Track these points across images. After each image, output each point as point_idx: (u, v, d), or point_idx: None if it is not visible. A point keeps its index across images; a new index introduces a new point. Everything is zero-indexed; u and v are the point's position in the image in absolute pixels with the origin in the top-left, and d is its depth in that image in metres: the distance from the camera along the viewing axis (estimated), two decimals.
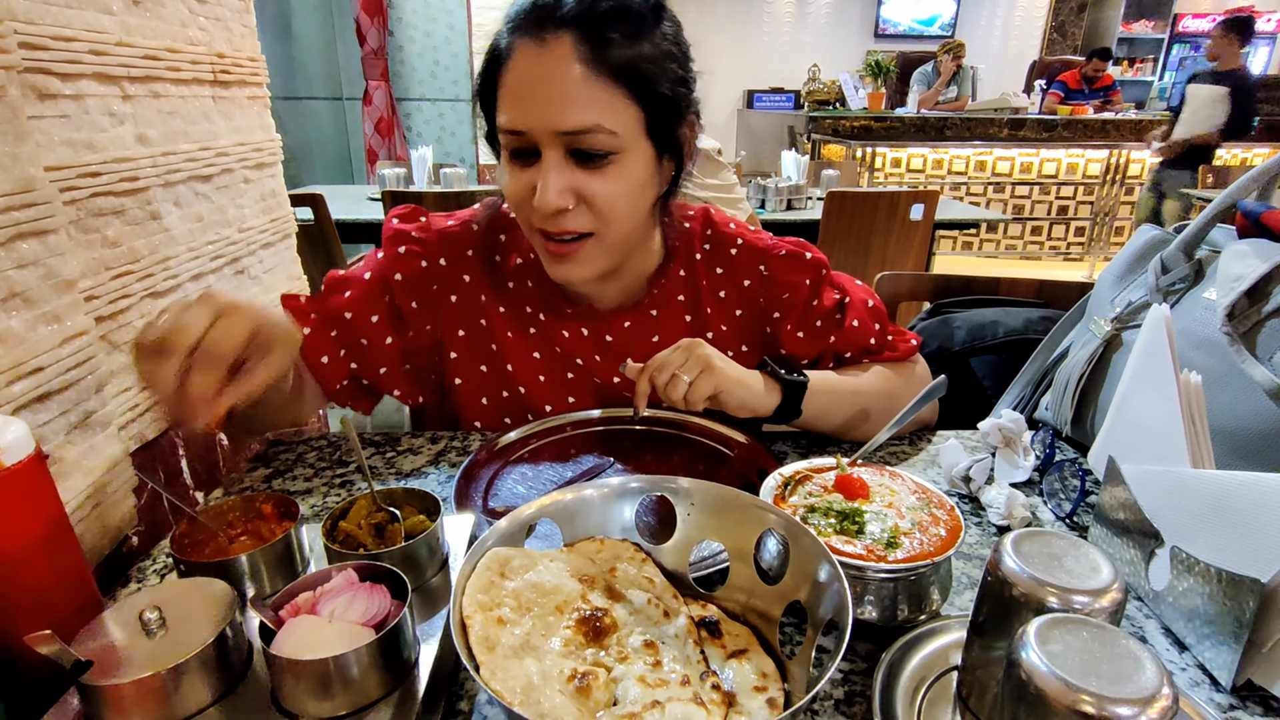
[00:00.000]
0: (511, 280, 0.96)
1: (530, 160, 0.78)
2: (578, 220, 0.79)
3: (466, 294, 0.94)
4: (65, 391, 0.67)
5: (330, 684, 0.45)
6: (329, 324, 0.90)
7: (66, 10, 0.70)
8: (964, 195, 6.05)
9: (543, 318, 0.95)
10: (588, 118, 0.74)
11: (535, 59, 0.74)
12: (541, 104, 0.74)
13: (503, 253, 0.97)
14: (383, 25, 4.69)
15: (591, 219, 0.79)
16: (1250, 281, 0.74)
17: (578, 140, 0.75)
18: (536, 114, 0.75)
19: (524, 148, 0.77)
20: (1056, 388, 0.96)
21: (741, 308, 0.97)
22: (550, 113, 0.74)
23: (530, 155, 0.77)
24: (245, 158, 1.02)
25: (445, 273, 0.94)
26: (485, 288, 0.95)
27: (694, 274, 0.97)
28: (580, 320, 0.95)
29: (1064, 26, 8.80)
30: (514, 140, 0.77)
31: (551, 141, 0.75)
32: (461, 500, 0.77)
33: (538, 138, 0.76)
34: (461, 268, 0.95)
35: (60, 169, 0.68)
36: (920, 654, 0.57)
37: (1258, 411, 0.70)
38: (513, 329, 0.95)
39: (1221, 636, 0.56)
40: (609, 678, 0.48)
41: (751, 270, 0.96)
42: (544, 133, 0.75)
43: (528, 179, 0.78)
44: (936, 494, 0.67)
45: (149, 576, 0.70)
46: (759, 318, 0.97)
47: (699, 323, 0.97)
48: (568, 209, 0.78)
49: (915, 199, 2.78)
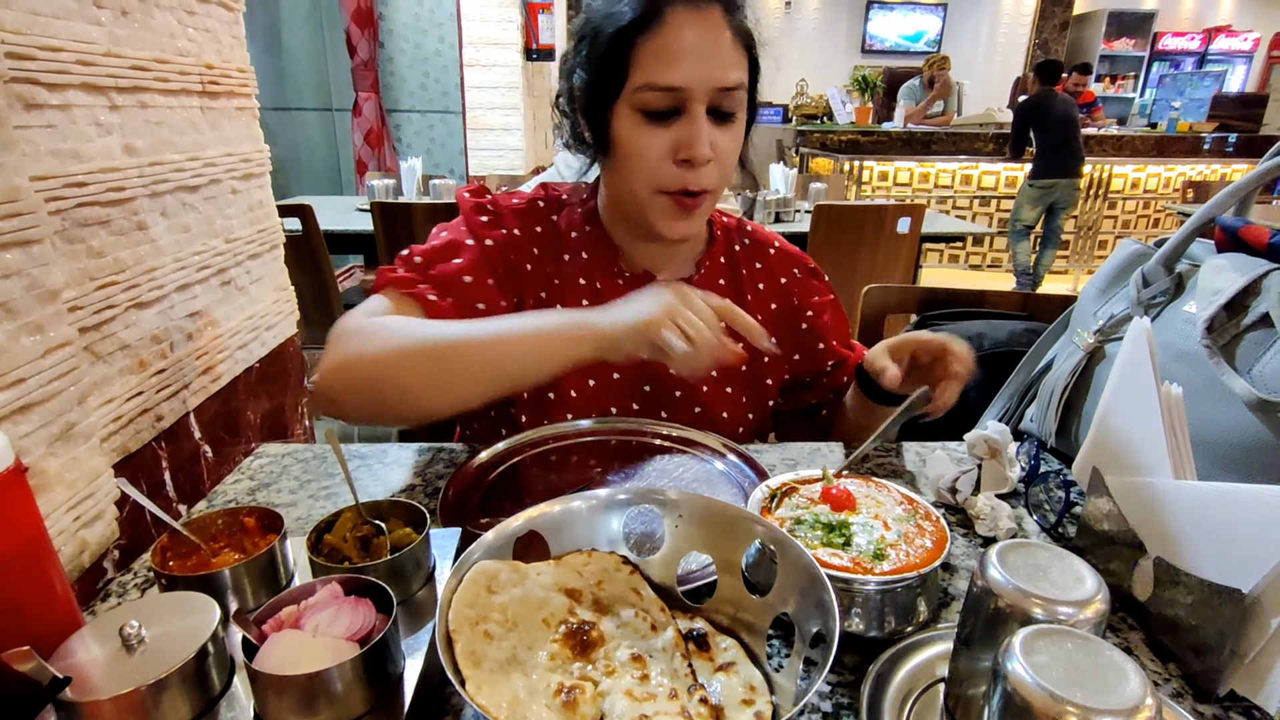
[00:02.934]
0: (568, 253, 0.98)
1: (668, 120, 0.83)
2: (709, 175, 0.85)
3: (537, 264, 0.96)
4: (47, 403, 0.66)
5: (314, 700, 0.45)
6: (445, 290, 0.88)
7: (54, 21, 0.69)
8: (950, 209, 6.12)
9: (599, 285, 0.97)
10: (739, 76, 0.83)
11: (697, 23, 0.81)
12: (704, 62, 0.81)
13: (560, 230, 0.99)
14: (373, 37, 4.70)
15: (717, 174, 0.86)
16: (1229, 295, 0.75)
17: (726, 97, 0.83)
18: (699, 71, 0.80)
19: (668, 107, 0.82)
20: (1041, 399, 0.97)
21: (777, 302, 1.04)
22: (714, 71, 0.81)
23: (669, 115, 0.82)
24: (233, 168, 1.01)
25: (520, 242, 0.95)
26: (550, 260, 0.97)
27: (734, 263, 1.04)
28: (631, 289, 0.98)
29: (1047, 44, 8.96)
30: (662, 98, 0.82)
31: (704, 98, 0.82)
32: (448, 513, 0.76)
33: (693, 94, 0.81)
34: (531, 240, 0.96)
35: (46, 179, 0.68)
36: (907, 666, 0.57)
37: (1238, 423, 0.71)
38: (566, 302, 0.97)
39: (1204, 647, 0.57)
40: (596, 692, 0.48)
41: (788, 271, 1.05)
42: (702, 89, 0.81)
43: (670, 136, 0.83)
44: (923, 505, 0.68)
45: (130, 591, 0.69)
46: (792, 314, 1.05)
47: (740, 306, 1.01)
48: (709, 162, 0.84)
49: (902, 212, 2.81)
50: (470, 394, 0.79)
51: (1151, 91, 8.71)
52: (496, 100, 4.90)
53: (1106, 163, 6.04)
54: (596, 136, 0.89)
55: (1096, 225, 6.19)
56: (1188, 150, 6.33)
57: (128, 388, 0.79)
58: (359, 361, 0.78)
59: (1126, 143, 6.38)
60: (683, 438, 0.92)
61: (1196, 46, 9.46)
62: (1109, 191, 6.13)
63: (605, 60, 0.83)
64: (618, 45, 0.82)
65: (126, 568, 0.73)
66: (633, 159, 0.85)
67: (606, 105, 0.85)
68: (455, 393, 0.78)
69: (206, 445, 0.95)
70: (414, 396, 0.77)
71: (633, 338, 0.72)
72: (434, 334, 0.78)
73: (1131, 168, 6.13)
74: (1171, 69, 9.22)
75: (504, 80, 4.86)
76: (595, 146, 0.90)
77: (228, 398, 1.01)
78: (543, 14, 4.83)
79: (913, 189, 6.07)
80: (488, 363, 0.76)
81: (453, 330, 0.78)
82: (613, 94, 0.84)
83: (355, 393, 0.78)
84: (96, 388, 0.75)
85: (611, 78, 0.83)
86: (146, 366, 0.83)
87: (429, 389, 0.77)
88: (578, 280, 0.97)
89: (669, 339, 0.69)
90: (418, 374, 0.76)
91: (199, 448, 0.93)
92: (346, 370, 0.78)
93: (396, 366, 0.76)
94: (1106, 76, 9.26)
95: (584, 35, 0.86)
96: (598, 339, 0.74)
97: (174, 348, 0.88)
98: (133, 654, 0.46)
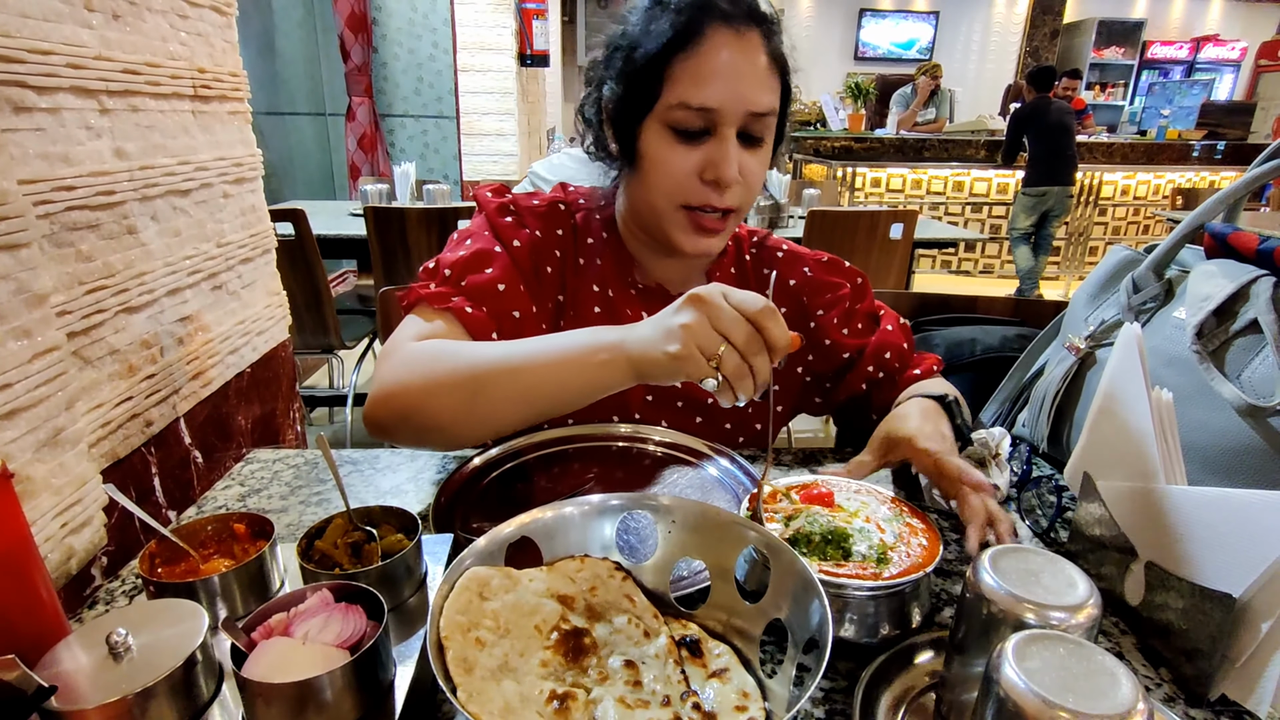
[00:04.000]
0: (583, 258, 0.97)
1: (698, 139, 0.83)
2: (734, 196, 0.85)
3: (557, 267, 0.96)
4: (34, 408, 0.65)
5: (303, 708, 0.44)
6: (480, 300, 0.87)
7: (44, 24, 0.69)
8: (942, 215, 6.15)
9: (611, 294, 0.97)
10: (771, 101, 0.83)
11: (735, 46, 0.80)
12: (741, 86, 0.81)
13: (577, 234, 0.98)
14: (367, 42, 4.70)
15: (743, 194, 0.86)
16: (1218, 301, 0.76)
17: (757, 121, 0.83)
18: (735, 94, 0.80)
19: (699, 127, 0.82)
20: (1033, 405, 0.97)
21: (786, 304, 1.04)
22: (749, 95, 0.81)
23: (700, 135, 0.82)
24: (225, 172, 1.01)
25: (543, 244, 0.95)
26: (567, 265, 0.97)
27: (744, 271, 1.04)
28: (644, 300, 0.98)
29: (1038, 51, 9.04)
30: (694, 118, 0.81)
31: (735, 121, 0.81)
32: (440, 518, 0.76)
33: (724, 117, 0.81)
34: (553, 242, 0.96)
35: (34, 182, 0.67)
36: (900, 671, 0.57)
37: (1227, 428, 0.72)
38: (580, 306, 0.96)
39: (1196, 651, 0.57)
40: (588, 699, 0.48)
41: (796, 271, 1.04)
42: (735, 113, 0.81)
43: (699, 156, 0.83)
44: (910, 508, 0.68)
45: (117, 598, 0.69)
46: (802, 314, 1.03)
47: None
48: (737, 183, 0.84)
49: (895, 218, 2.82)
50: (509, 422, 0.78)
51: (1141, 99, 8.80)
52: (491, 105, 4.91)
53: (1097, 170, 6.09)
54: (623, 148, 0.88)
55: (1087, 231, 6.24)
56: (1177, 157, 6.39)
57: (117, 393, 0.79)
58: (403, 392, 0.77)
59: (1117, 150, 6.43)
60: (676, 443, 0.92)
61: (1185, 55, 9.57)
62: (1100, 198, 6.18)
63: (640, 75, 0.83)
64: (654, 61, 0.82)
65: (114, 575, 0.73)
66: (659, 173, 0.85)
67: (637, 119, 0.85)
68: (494, 421, 0.78)
69: (197, 451, 0.94)
70: (457, 427, 0.77)
71: (666, 372, 0.67)
72: (469, 363, 0.76)
73: (1122, 175, 6.18)
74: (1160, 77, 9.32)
75: (498, 85, 4.87)
76: (621, 158, 0.90)
77: (218, 403, 1.00)
78: (537, 20, 4.84)
79: (905, 195, 6.10)
80: (522, 390, 0.74)
81: (487, 357, 0.76)
82: (645, 109, 0.83)
83: (402, 421, 0.78)
84: (85, 393, 0.74)
85: (645, 92, 0.83)
86: (136, 371, 0.82)
87: (470, 420, 0.77)
88: (591, 287, 0.97)
89: (702, 381, 0.65)
90: (458, 406, 0.76)
91: (189, 453, 0.93)
92: (391, 401, 0.78)
93: (436, 398, 0.76)
94: (1096, 84, 9.35)
95: (618, 47, 0.86)
96: (630, 368, 0.69)
97: (164, 352, 0.87)
98: (120, 662, 0.45)
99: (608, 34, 0.89)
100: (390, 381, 0.78)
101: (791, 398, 1.06)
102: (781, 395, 1.05)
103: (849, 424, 1.15)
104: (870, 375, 1.01)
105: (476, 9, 4.72)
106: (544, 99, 5.89)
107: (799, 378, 1.05)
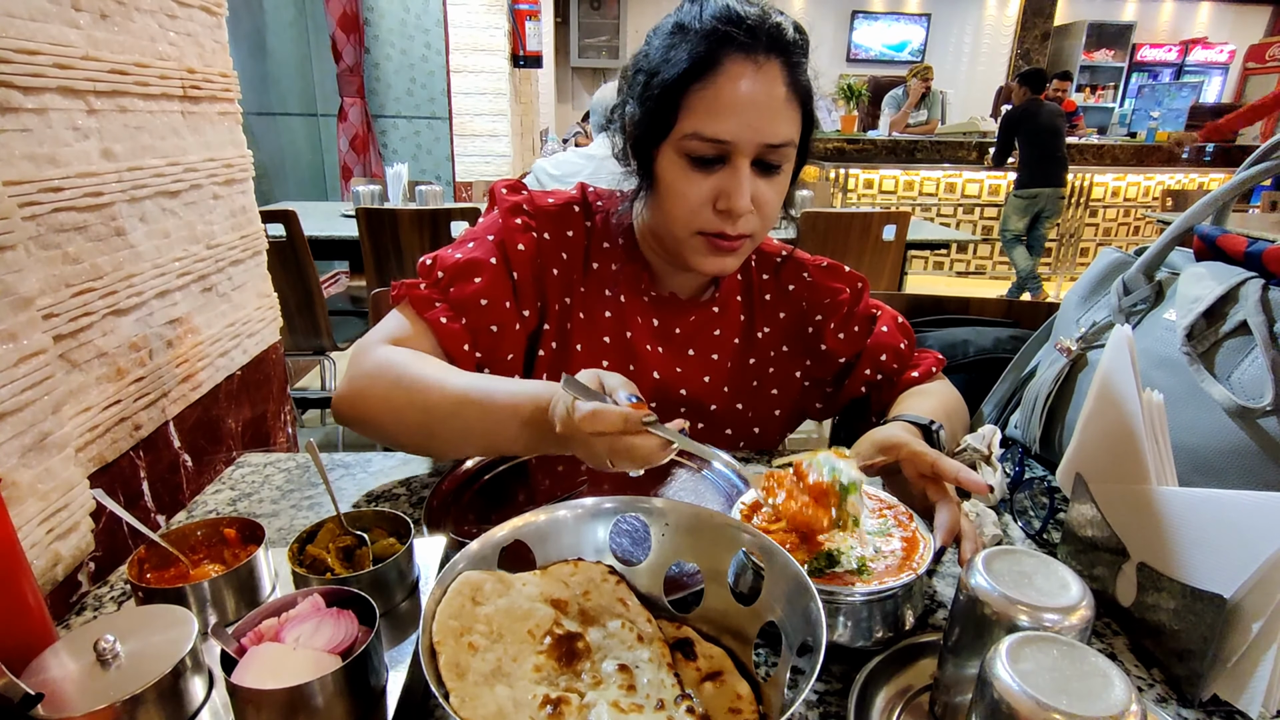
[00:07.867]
0: (598, 261, 0.97)
1: (712, 167, 0.82)
2: (749, 223, 0.85)
3: (564, 270, 0.95)
4: (20, 412, 0.64)
5: (294, 714, 0.44)
6: (460, 312, 0.88)
7: (30, 23, 0.68)
8: (935, 216, 6.17)
9: (622, 300, 0.97)
10: (788, 133, 0.82)
11: (753, 77, 0.80)
12: (756, 118, 0.80)
13: (594, 235, 0.98)
14: (359, 42, 4.69)
15: (758, 222, 0.86)
16: (1208, 303, 0.76)
17: (773, 152, 0.82)
18: (749, 127, 0.80)
19: (714, 155, 0.82)
20: (1025, 407, 0.98)
21: (786, 310, 1.04)
22: (764, 128, 0.80)
23: (715, 163, 0.82)
24: (215, 173, 1.00)
25: (550, 247, 0.95)
26: (576, 268, 0.96)
27: (749, 278, 1.04)
28: (655, 308, 0.99)
29: (1029, 54, 9.10)
30: (709, 147, 0.81)
31: (750, 152, 0.81)
32: (433, 522, 0.76)
33: (738, 148, 0.80)
34: (562, 244, 0.96)
35: (20, 184, 0.66)
36: (894, 674, 0.57)
37: (1217, 429, 0.72)
38: (589, 310, 0.96)
39: (1187, 652, 0.57)
40: (582, 703, 0.48)
41: (796, 277, 1.05)
42: (749, 144, 0.80)
43: (712, 184, 0.83)
44: (903, 509, 0.68)
45: (106, 604, 0.68)
46: (801, 320, 1.04)
47: (751, 321, 1.04)
48: (749, 212, 0.84)
49: (887, 220, 2.83)
50: (465, 453, 0.85)
51: (1131, 101, 8.86)
52: (483, 106, 4.90)
53: (1088, 171, 6.12)
54: (641, 169, 0.88)
55: (1078, 233, 6.27)
56: (1166, 159, 6.43)
57: (105, 396, 0.78)
58: (364, 405, 0.82)
59: (1107, 152, 6.47)
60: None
61: (1174, 58, 9.64)
62: (1090, 200, 6.22)
63: (656, 102, 0.83)
64: (671, 89, 0.81)
65: (102, 581, 0.72)
66: (673, 200, 0.85)
67: (654, 143, 0.85)
68: (451, 453, 0.86)
69: (186, 454, 0.93)
70: (418, 450, 0.87)
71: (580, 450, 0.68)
72: (423, 400, 0.78)
73: (1112, 176, 6.22)
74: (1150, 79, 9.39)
75: (491, 86, 4.86)
76: (639, 176, 0.90)
77: (208, 406, 1.00)
78: (530, 21, 4.84)
79: (898, 196, 6.12)
80: (464, 431, 0.77)
81: (440, 395, 0.77)
82: (661, 134, 0.83)
83: (364, 428, 0.83)
84: (72, 396, 0.73)
85: (661, 119, 0.83)
86: (124, 374, 0.81)
87: (429, 448, 0.86)
88: (603, 292, 0.97)
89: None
90: (415, 435, 0.81)
91: (179, 457, 0.92)
92: (354, 409, 0.82)
93: (395, 423, 0.81)
94: (1087, 87, 9.41)
95: (640, 69, 0.86)
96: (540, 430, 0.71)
97: (153, 355, 0.87)
98: (107, 669, 0.45)
99: (633, 56, 0.89)
100: (354, 391, 0.82)
101: (791, 403, 1.06)
102: (782, 401, 1.05)
103: (851, 427, 1.15)
104: (868, 378, 1.02)
105: (469, 10, 4.71)
106: (537, 100, 5.89)
107: (798, 383, 1.05)
